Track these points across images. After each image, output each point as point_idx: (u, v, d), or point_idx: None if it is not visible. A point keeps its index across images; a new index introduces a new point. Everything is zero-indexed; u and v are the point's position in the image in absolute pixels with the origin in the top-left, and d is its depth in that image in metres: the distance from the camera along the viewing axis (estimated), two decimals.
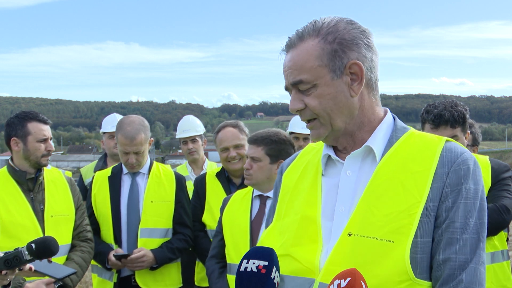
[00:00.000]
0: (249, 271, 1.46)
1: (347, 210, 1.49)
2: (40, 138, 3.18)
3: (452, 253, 1.38)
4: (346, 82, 1.49)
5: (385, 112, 1.61)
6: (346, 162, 1.54)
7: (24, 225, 3.09)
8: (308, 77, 1.49)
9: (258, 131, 3.15)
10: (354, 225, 1.44)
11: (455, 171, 1.43)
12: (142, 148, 3.62)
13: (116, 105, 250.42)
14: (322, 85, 1.49)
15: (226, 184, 3.79)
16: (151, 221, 3.62)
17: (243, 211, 3.12)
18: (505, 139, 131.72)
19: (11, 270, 2.33)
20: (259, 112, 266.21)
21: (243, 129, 3.81)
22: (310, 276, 1.46)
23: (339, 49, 1.47)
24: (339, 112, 1.50)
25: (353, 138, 1.55)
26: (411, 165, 1.46)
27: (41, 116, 3.24)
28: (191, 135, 4.79)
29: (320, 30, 1.49)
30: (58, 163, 72.50)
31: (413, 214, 1.39)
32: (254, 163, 3.01)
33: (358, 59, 1.49)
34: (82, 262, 3.27)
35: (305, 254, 1.49)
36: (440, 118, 2.94)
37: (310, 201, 1.57)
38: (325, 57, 1.47)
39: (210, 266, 3.24)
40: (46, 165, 3.25)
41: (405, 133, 1.55)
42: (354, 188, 1.51)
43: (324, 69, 1.48)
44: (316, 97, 1.50)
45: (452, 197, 1.41)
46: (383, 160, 1.49)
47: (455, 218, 1.40)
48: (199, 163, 4.85)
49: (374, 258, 1.38)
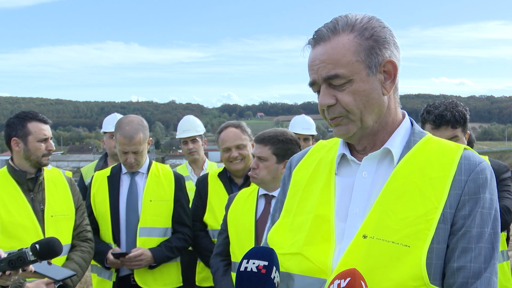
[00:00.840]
0: (249, 271, 1.46)
1: (361, 211, 1.48)
2: (41, 137, 3.18)
3: (467, 261, 1.38)
4: (379, 79, 1.48)
5: (403, 115, 1.60)
6: (363, 163, 1.53)
7: (24, 225, 3.09)
8: (344, 71, 1.45)
9: (265, 131, 3.16)
10: (370, 227, 1.43)
11: (473, 180, 1.42)
12: (141, 147, 3.63)
13: (116, 105, 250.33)
14: (358, 81, 1.46)
15: (228, 185, 3.79)
16: (150, 220, 3.62)
17: (248, 210, 3.13)
18: (505, 139, 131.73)
19: (14, 270, 2.33)
20: (259, 112, 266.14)
21: (246, 129, 3.81)
22: (322, 277, 1.45)
23: (376, 46, 1.47)
24: (371, 109, 1.48)
25: (375, 138, 1.54)
26: (429, 170, 1.45)
27: (41, 116, 3.24)
28: (191, 135, 4.79)
29: (355, 26, 1.47)
30: (58, 163, 72.49)
31: (430, 220, 1.38)
32: (261, 163, 3.01)
33: (391, 57, 1.49)
34: (82, 262, 3.27)
35: (317, 254, 1.48)
36: (441, 118, 2.93)
37: (324, 200, 1.56)
38: (362, 52, 1.45)
39: (215, 264, 3.25)
40: (47, 164, 3.26)
41: (423, 138, 1.54)
42: (369, 190, 1.49)
43: (361, 65, 1.46)
44: (351, 93, 1.46)
45: (470, 206, 1.41)
46: (401, 164, 1.48)
47: (471, 226, 1.39)
48: (199, 163, 4.85)
49: (389, 261, 1.37)
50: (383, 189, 1.46)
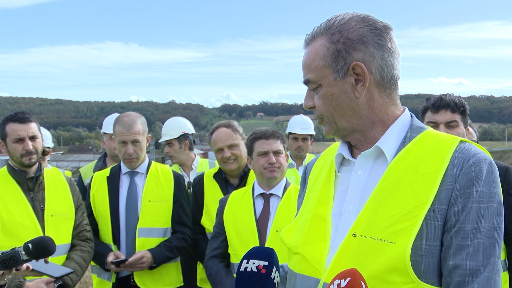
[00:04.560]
0: (249, 271, 1.47)
1: (355, 209, 1.47)
2: (15, 138, 3.14)
3: (462, 259, 1.33)
4: (350, 83, 1.46)
5: (403, 111, 1.56)
6: (358, 162, 1.53)
7: (24, 224, 3.09)
8: (313, 76, 1.49)
9: (260, 129, 3.25)
10: (360, 225, 1.42)
11: (465, 174, 1.36)
12: (140, 138, 3.62)
13: (116, 105, 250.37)
14: (325, 85, 1.48)
15: (223, 185, 3.77)
16: (149, 221, 3.61)
17: (245, 210, 3.12)
18: (505, 139, 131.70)
19: (8, 270, 2.33)
20: (259, 112, 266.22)
21: (237, 128, 3.80)
22: (317, 276, 1.45)
23: (343, 49, 1.45)
24: (342, 112, 1.49)
25: (365, 136, 1.53)
26: (422, 165, 1.41)
27: (20, 116, 3.18)
28: (165, 139, 4.83)
29: (330, 29, 1.48)
30: (58, 163, 72.42)
31: (416, 216, 1.35)
32: (279, 156, 3.11)
33: (364, 59, 1.45)
34: (82, 262, 3.27)
35: (313, 253, 1.49)
36: (440, 101, 2.95)
37: (322, 199, 1.56)
38: (329, 57, 1.46)
39: (213, 266, 3.20)
40: (30, 164, 3.18)
41: (420, 133, 1.50)
42: (363, 188, 1.49)
43: (327, 69, 1.47)
44: (321, 97, 1.50)
45: (462, 201, 1.35)
46: (394, 161, 1.46)
47: (465, 222, 1.34)
48: (187, 162, 4.84)
49: (375, 259, 1.36)
50: (376, 187, 1.45)
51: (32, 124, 3.20)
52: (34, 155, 3.17)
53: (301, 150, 5.27)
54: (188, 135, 4.86)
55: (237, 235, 3.12)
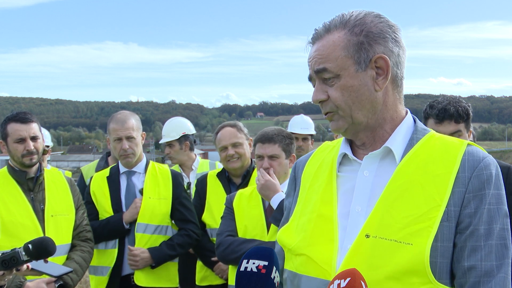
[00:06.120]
0: (249, 271, 1.46)
1: (363, 210, 1.46)
2: (16, 138, 3.15)
3: (477, 260, 1.35)
4: (371, 75, 1.46)
5: (406, 112, 1.58)
6: (364, 162, 1.51)
7: (24, 224, 3.10)
8: (332, 66, 1.46)
9: (265, 130, 3.19)
10: (372, 226, 1.41)
11: (477, 176, 1.39)
12: (134, 133, 3.65)
13: (116, 105, 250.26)
14: (345, 76, 1.46)
15: (226, 184, 3.81)
16: (147, 217, 3.61)
17: (255, 207, 3.11)
18: (505, 139, 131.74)
19: (8, 270, 2.34)
20: (259, 112, 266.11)
21: (242, 128, 3.86)
22: (326, 277, 1.43)
23: (365, 42, 1.45)
24: (360, 105, 1.47)
25: (374, 134, 1.52)
26: (432, 167, 1.42)
27: (21, 116, 3.19)
28: (164, 141, 4.85)
29: (347, 23, 1.48)
30: (58, 163, 72.35)
31: (433, 218, 1.36)
32: (273, 161, 3.05)
33: (385, 53, 1.46)
34: (82, 262, 3.28)
35: (321, 255, 1.47)
36: (444, 112, 2.86)
37: (326, 199, 1.55)
38: (351, 48, 1.45)
39: (227, 239, 3.05)
40: (31, 165, 3.19)
41: (426, 135, 1.52)
42: (371, 188, 1.48)
43: (349, 60, 1.45)
44: (339, 89, 1.47)
45: (475, 203, 1.37)
46: (403, 162, 1.46)
47: (478, 224, 1.36)
48: (187, 163, 4.86)
49: (392, 260, 1.35)
50: (385, 188, 1.44)
51: (33, 125, 3.21)
52: (35, 155, 3.18)
53: (302, 150, 5.26)
54: (189, 136, 4.87)
55: (246, 230, 3.09)
